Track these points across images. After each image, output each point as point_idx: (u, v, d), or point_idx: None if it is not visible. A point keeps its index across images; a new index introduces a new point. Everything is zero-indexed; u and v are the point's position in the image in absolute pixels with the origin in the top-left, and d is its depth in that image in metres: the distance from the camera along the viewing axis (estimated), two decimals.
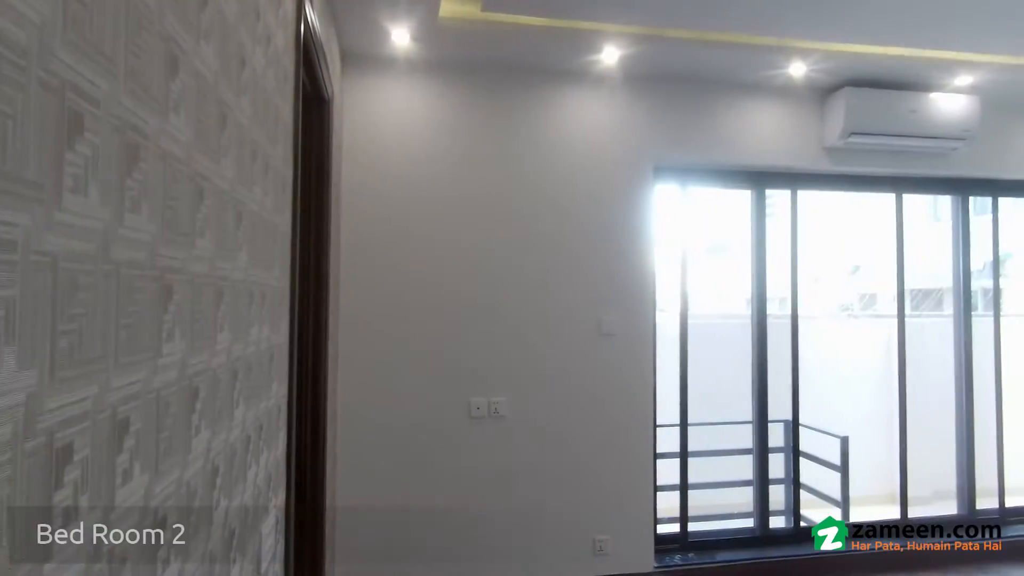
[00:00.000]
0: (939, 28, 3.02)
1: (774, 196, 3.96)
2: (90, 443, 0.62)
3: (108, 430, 0.66)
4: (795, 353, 3.83)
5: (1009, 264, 5.99)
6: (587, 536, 3.31)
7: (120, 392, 0.68)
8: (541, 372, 3.29)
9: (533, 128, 3.34)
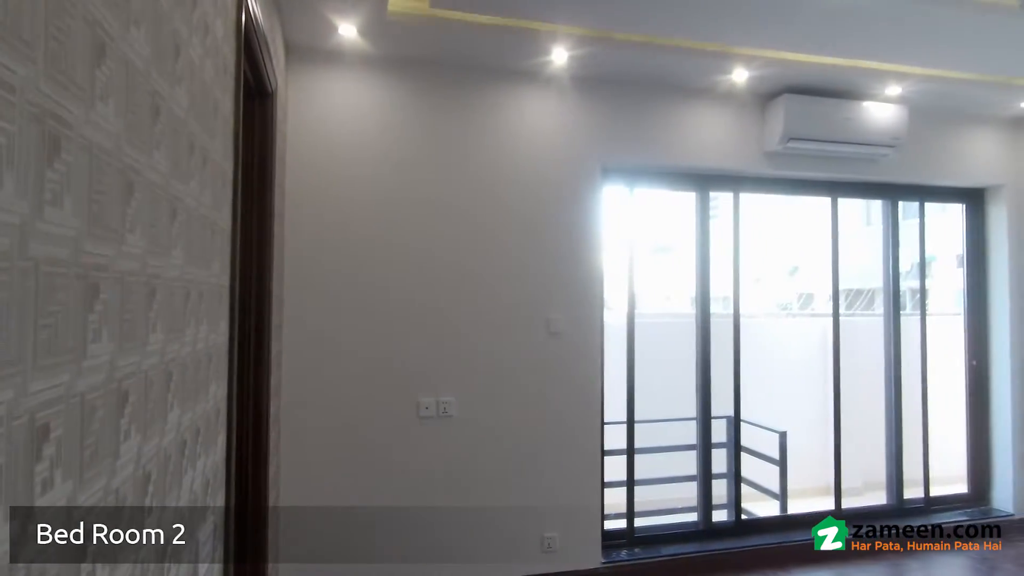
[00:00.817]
0: (870, 40, 3.16)
1: (718, 198, 4.07)
2: (4, 451, 0.58)
3: (25, 437, 0.62)
4: (737, 351, 3.94)
5: (934, 266, 6.33)
6: (536, 534, 3.32)
7: (39, 397, 0.64)
8: (490, 371, 3.29)
9: (482, 127, 3.33)
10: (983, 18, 2.86)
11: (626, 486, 3.73)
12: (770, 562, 3.68)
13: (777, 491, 4.40)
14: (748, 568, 3.61)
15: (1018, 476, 4.26)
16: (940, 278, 6.65)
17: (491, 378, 3.29)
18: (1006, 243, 4.32)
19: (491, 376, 3.29)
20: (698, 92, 3.67)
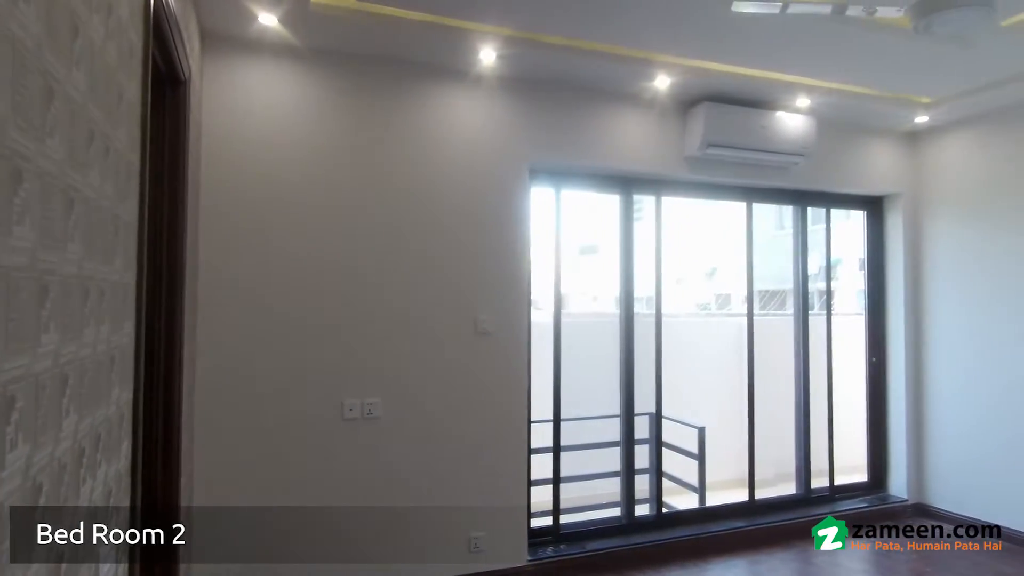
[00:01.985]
0: (782, 53, 3.33)
1: (642, 201, 4.19)
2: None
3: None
4: (659, 350, 4.06)
5: (839, 269, 6.75)
6: (463, 534, 3.31)
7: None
8: (417, 371, 3.25)
9: (410, 124, 3.29)
10: (882, 38, 3.07)
11: (552, 483, 3.77)
12: (689, 553, 3.81)
13: (696, 484, 4.56)
14: (669, 560, 3.73)
15: (911, 465, 4.59)
16: (845, 280, 7.08)
17: (418, 378, 3.26)
18: (901, 248, 4.66)
19: (418, 376, 3.26)
20: (623, 97, 3.75)
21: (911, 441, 4.60)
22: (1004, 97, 3.90)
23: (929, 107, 4.12)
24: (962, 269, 4.36)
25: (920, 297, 4.63)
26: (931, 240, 4.57)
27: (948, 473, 4.43)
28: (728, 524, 4.10)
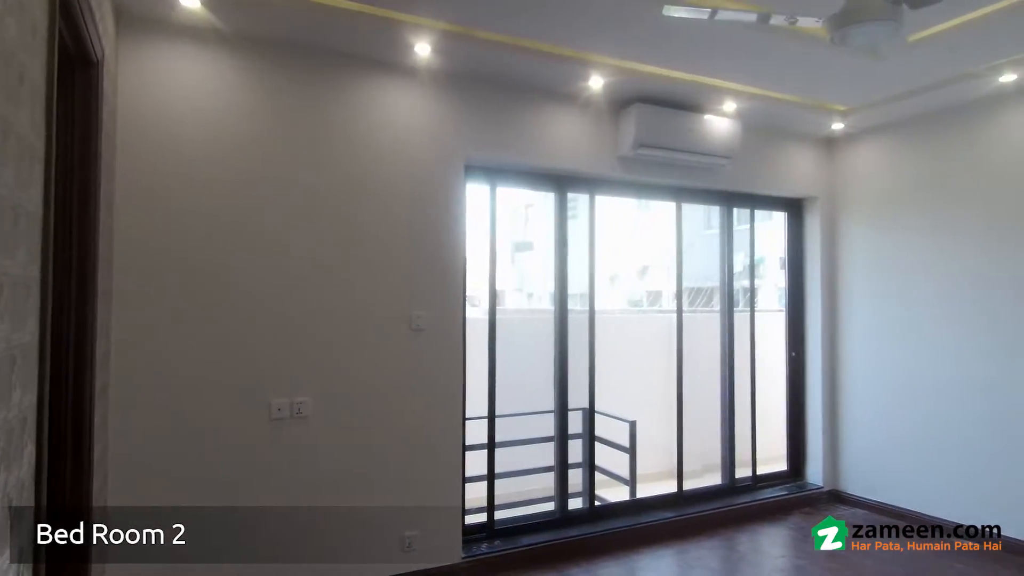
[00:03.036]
0: (710, 58, 3.45)
1: (576, 199, 4.24)
2: None
3: None
4: (592, 346, 4.13)
5: (763, 267, 7.05)
6: (397, 533, 3.27)
7: None
8: (348, 369, 3.19)
9: (342, 116, 3.21)
10: (803, 47, 3.22)
11: (487, 480, 3.78)
12: (621, 544, 3.89)
13: (627, 477, 4.66)
14: (601, 552, 3.80)
15: (826, 454, 4.85)
16: (768, 278, 7.40)
17: (350, 376, 3.19)
18: (819, 248, 4.91)
19: (350, 374, 3.19)
20: (559, 96, 3.79)
21: (827, 432, 4.86)
22: (910, 108, 4.16)
23: (844, 115, 4.35)
24: (872, 267, 4.63)
25: (835, 294, 4.89)
26: (845, 240, 4.84)
27: (859, 461, 4.70)
28: (658, 515, 4.22)
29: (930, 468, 4.21)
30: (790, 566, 3.74)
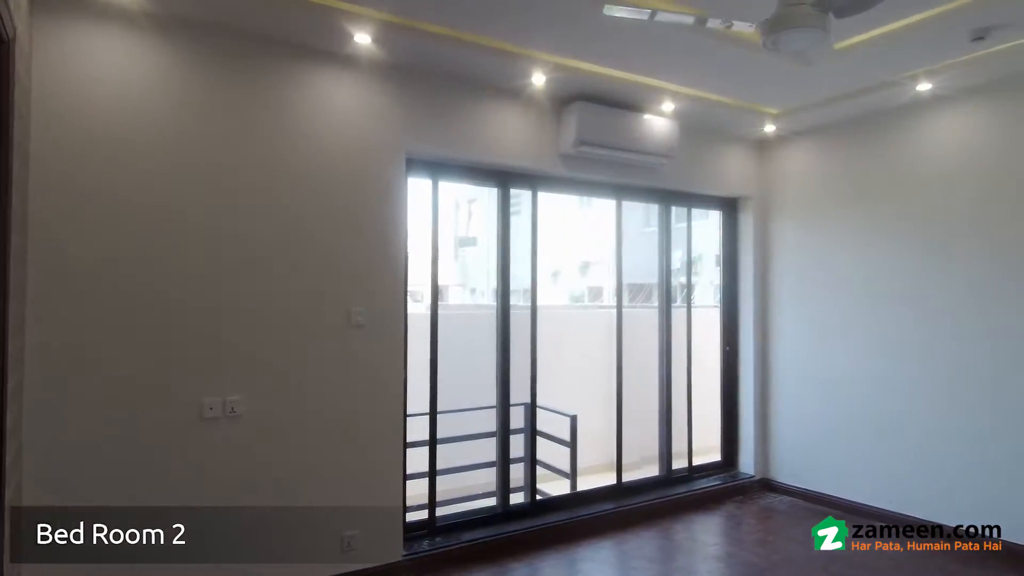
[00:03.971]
0: (650, 58, 3.52)
1: (519, 195, 4.25)
2: None
3: None
4: (534, 341, 4.16)
5: (699, 264, 7.26)
6: (336, 534, 3.21)
7: None
8: (285, 366, 3.10)
9: (279, 105, 3.11)
10: (738, 51, 3.32)
11: (429, 477, 3.75)
12: (562, 537, 3.94)
13: (568, 471, 4.73)
14: (543, 545, 3.84)
15: (758, 445, 5.05)
16: (704, 275, 7.63)
17: (287, 374, 3.11)
18: (752, 246, 5.09)
19: (287, 372, 3.11)
20: (502, 91, 3.79)
21: (758, 423, 5.06)
22: (836, 113, 4.37)
23: (776, 118, 4.53)
24: (802, 265, 4.84)
25: (767, 291, 5.09)
26: (776, 238, 5.03)
27: (788, 451, 4.92)
28: (598, 507, 4.29)
29: (853, 457, 4.44)
30: (722, 553, 3.87)
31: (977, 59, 3.42)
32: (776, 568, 3.57)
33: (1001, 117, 3.74)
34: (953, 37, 3.17)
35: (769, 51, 2.30)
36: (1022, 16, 2.96)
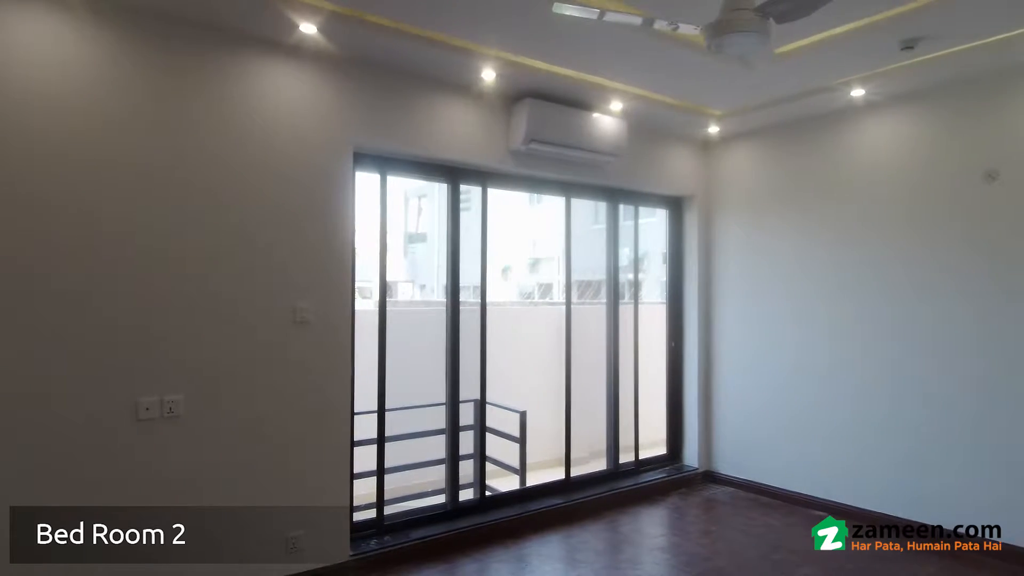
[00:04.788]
0: (598, 57, 3.56)
1: (470, 191, 4.24)
2: None
3: None
4: (483, 338, 4.16)
5: (646, 261, 7.39)
6: (280, 535, 3.13)
7: None
8: (227, 365, 3.01)
9: (219, 95, 3.01)
10: (684, 53, 3.39)
11: (377, 475, 3.71)
12: (510, 533, 3.96)
13: (518, 466, 4.75)
14: (491, 541, 3.85)
15: (701, 438, 5.19)
16: (651, 272, 7.77)
17: (229, 372, 3.01)
18: (696, 245, 5.22)
19: (229, 370, 3.01)
20: (452, 87, 3.77)
21: (702, 416, 5.20)
22: (776, 115, 4.52)
23: (720, 119, 4.65)
24: (745, 262, 4.99)
25: (711, 288, 5.22)
26: (720, 237, 5.17)
27: (731, 443, 5.07)
28: (546, 502, 4.33)
29: (793, 449, 4.61)
30: (667, 544, 3.97)
31: (906, 68, 3.59)
32: (718, 556, 3.68)
33: (928, 123, 3.94)
34: (884, 46, 3.32)
35: (713, 54, 2.36)
36: (947, 28, 3.12)
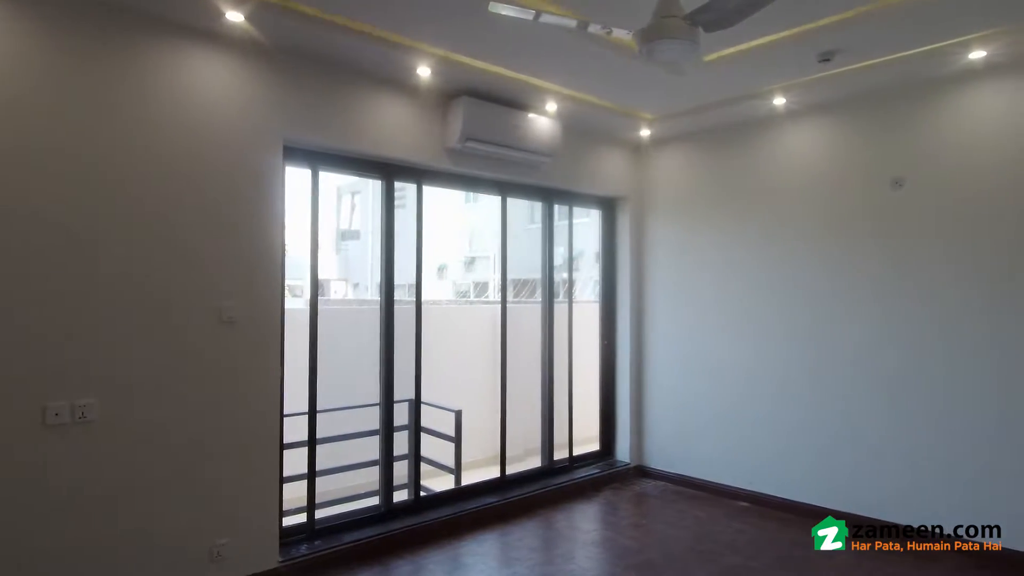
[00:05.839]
0: (534, 58, 3.58)
1: (405, 189, 4.18)
2: None
3: None
4: (419, 337, 4.12)
5: (580, 261, 7.51)
6: (204, 544, 3.01)
7: None
8: (146, 366, 2.85)
9: (140, 83, 2.85)
10: (617, 57, 3.46)
11: (307, 478, 3.62)
12: (446, 533, 3.94)
13: (453, 466, 4.73)
14: (426, 542, 3.82)
15: (633, 433, 5.32)
16: (585, 271, 7.89)
17: (148, 375, 2.86)
18: (629, 245, 5.34)
19: (148, 372, 2.86)
20: (387, 82, 3.71)
21: (634, 412, 5.33)
22: (705, 121, 4.68)
23: (651, 123, 4.77)
24: (675, 262, 5.14)
25: (643, 287, 5.36)
26: (652, 238, 5.32)
27: (661, 438, 5.22)
28: (482, 500, 4.33)
29: (721, 443, 4.78)
30: (600, 538, 4.05)
31: (823, 79, 3.79)
32: (650, 549, 3.78)
33: (843, 132, 4.18)
34: (803, 58, 3.50)
35: (645, 59, 2.42)
36: (861, 43, 3.32)
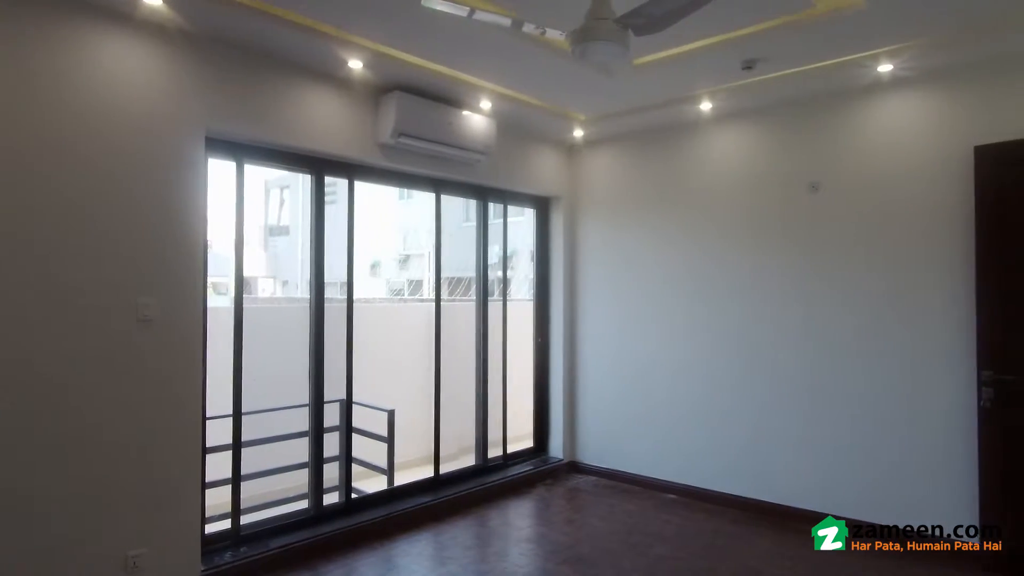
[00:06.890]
0: (468, 55, 3.57)
1: (336, 184, 4.09)
2: None
3: None
4: (350, 335, 4.04)
5: (515, 259, 7.55)
6: (118, 555, 2.85)
7: None
8: (52, 369, 2.67)
9: (50, 67, 2.65)
10: (550, 57, 3.50)
11: (232, 483, 3.48)
12: (378, 535, 3.88)
13: (385, 467, 4.67)
14: (358, 544, 3.75)
15: (566, 429, 5.39)
16: (520, 270, 7.94)
17: (55, 378, 2.68)
18: (562, 244, 5.41)
19: (55, 376, 2.68)
20: (317, 74, 3.61)
21: (567, 409, 5.40)
22: (636, 123, 4.79)
23: (584, 123, 4.85)
24: (607, 261, 5.24)
25: (576, 286, 5.44)
26: (584, 237, 5.40)
27: (593, 434, 5.31)
28: (415, 500, 4.29)
29: (651, 438, 4.91)
30: (534, 535, 4.08)
31: (746, 86, 3.95)
32: (582, 543, 3.84)
33: (764, 137, 4.37)
34: (727, 65, 3.63)
35: (577, 60, 2.45)
36: (781, 53, 3.47)
